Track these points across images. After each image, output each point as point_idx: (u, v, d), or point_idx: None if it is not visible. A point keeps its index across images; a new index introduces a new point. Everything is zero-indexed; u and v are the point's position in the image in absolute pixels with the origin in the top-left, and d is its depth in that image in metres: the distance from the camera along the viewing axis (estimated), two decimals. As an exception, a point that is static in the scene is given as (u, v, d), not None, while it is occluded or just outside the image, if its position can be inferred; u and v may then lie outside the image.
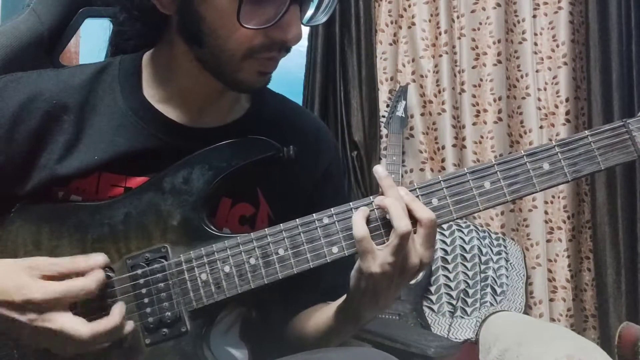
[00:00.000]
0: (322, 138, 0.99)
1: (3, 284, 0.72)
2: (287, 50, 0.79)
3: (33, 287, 0.71)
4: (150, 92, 0.87)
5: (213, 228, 0.81)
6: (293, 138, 0.91)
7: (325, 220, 0.77)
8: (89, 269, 0.74)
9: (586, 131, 0.76)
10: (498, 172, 0.76)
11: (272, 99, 0.95)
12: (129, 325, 0.76)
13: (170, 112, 0.86)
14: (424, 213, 0.74)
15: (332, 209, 0.78)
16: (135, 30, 0.84)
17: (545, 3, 2.47)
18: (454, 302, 2.18)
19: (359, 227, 0.74)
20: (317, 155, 0.95)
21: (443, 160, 2.48)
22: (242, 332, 0.90)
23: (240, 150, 0.82)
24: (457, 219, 0.77)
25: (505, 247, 2.29)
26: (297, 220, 0.78)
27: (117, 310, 0.75)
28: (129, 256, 0.80)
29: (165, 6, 0.79)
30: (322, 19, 0.80)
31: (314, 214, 0.78)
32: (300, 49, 2.54)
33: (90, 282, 0.73)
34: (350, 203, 0.77)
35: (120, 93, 0.86)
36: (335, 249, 0.77)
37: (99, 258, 0.76)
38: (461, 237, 2.26)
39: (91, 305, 0.77)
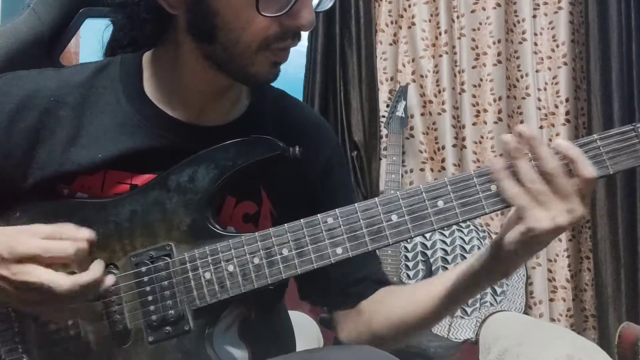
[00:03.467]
0: (323, 132, 0.99)
1: None
2: (299, 38, 0.80)
3: (19, 239, 0.72)
4: (152, 91, 0.87)
5: (218, 227, 0.81)
6: (294, 133, 0.91)
7: (330, 221, 0.77)
8: (75, 237, 0.74)
9: (595, 135, 0.75)
10: None
11: (271, 95, 0.96)
12: (110, 279, 0.76)
13: (172, 110, 0.86)
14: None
15: (336, 209, 0.77)
16: (138, 32, 0.84)
17: (545, 3, 2.47)
18: (454, 302, 2.18)
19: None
20: (317, 149, 0.96)
21: (443, 161, 2.48)
22: (241, 331, 0.90)
23: (245, 149, 0.82)
24: (462, 221, 0.76)
25: (505, 247, 2.28)
26: (301, 220, 0.78)
27: (97, 266, 0.75)
28: (134, 254, 0.80)
29: (173, 6, 0.79)
30: (328, 4, 0.81)
31: (318, 215, 0.77)
32: (300, 49, 2.54)
33: (69, 246, 0.72)
34: (355, 204, 0.77)
35: (122, 92, 0.86)
36: (339, 250, 0.77)
37: (86, 233, 0.75)
38: (461, 237, 2.26)
39: (94, 303, 0.78)
